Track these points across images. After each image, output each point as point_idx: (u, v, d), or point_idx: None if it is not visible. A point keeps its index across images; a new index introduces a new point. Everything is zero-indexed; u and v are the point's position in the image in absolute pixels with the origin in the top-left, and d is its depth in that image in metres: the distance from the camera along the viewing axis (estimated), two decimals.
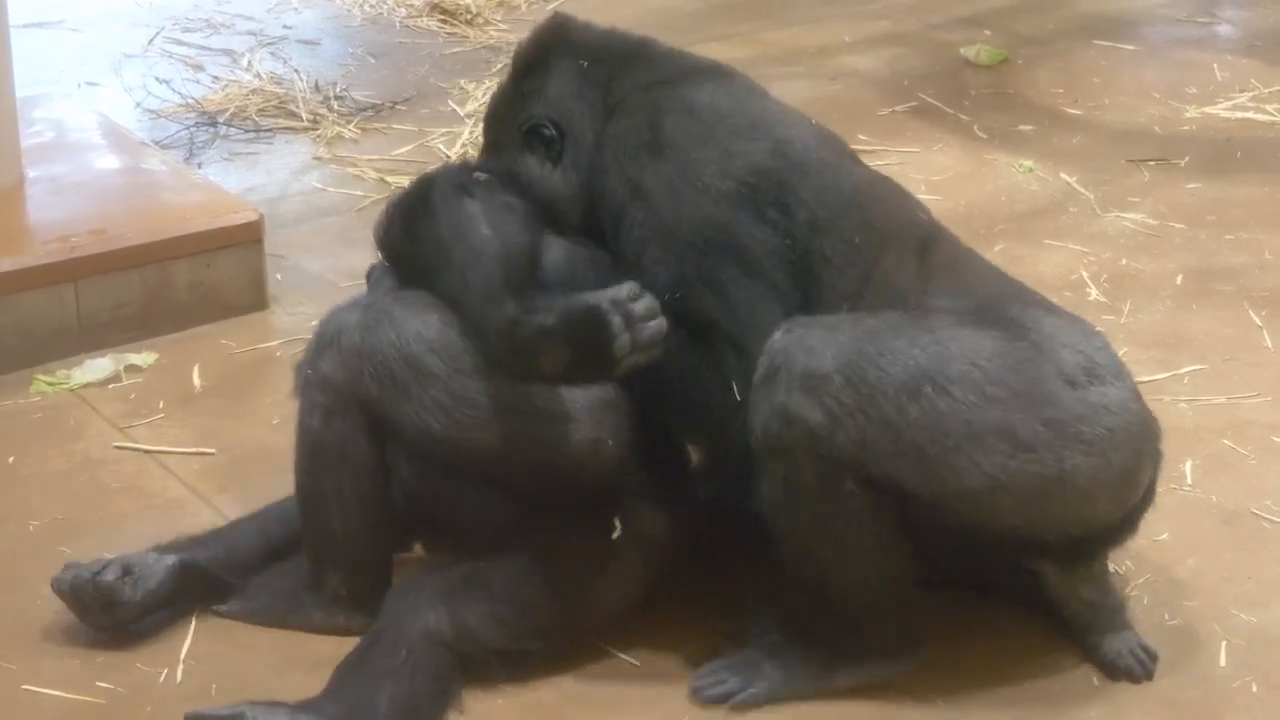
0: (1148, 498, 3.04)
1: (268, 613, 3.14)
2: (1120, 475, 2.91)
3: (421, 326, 2.93)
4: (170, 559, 3.10)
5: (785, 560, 2.99)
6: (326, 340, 2.98)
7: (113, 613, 3.05)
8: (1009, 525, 2.89)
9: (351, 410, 2.96)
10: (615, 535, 2.98)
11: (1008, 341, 2.87)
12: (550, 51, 3.20)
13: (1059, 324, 2.99)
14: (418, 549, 3.30)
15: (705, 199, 2.98)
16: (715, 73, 3.20)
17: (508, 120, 3.21)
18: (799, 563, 2.97)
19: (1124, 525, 3.01)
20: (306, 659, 3.05)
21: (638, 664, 3.07)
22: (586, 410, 2.94)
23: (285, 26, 6.60)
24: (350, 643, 3.04)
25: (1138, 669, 3.04)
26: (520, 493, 3.02)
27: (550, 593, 2.98)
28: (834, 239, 3.00)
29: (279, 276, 4.47)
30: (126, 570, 3.05)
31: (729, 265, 2.96)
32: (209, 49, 6.29)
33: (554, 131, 3.14)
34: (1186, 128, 5.73)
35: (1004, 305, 3.00)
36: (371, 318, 2.95)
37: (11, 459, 3.65)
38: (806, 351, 2.82)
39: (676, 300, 2.92)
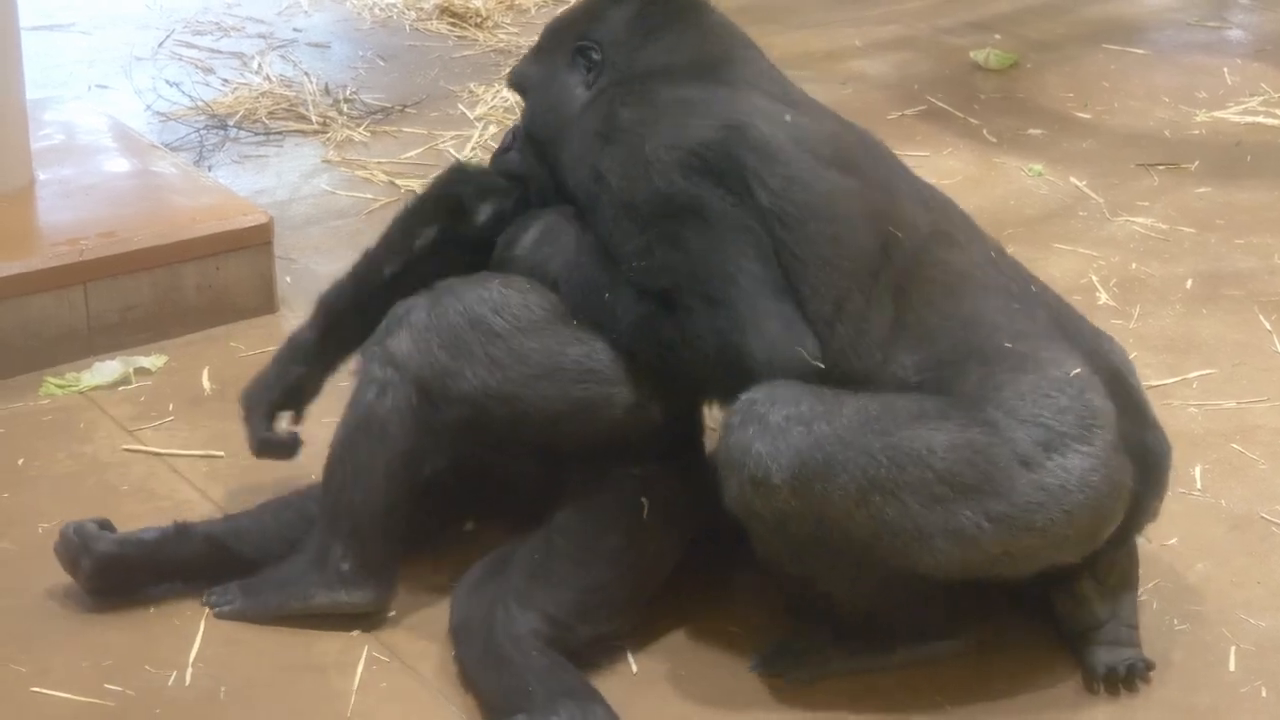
0: (1140, 517, 3.05)
1: (270, 606, 3.14)
2: (1081, 540, 2.90)
3: (484, 292, 3.07)
4: (168, 525, 3.23)
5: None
6: (396, 320, 3.07)
7: (89, 554, 3.12)
8: (971, 579, 2.94)
9: (407, 389, 3.03)
10: (645, 513, 3.06)
11: (962, 429, 2.84)
12: None
13: (1025, 386, 2.90)
14: (469, 525, 3.40)
15: (654, 170, 2.99)
16: (717, 70, 3.16)
17: (569, 32, 3.28)
18: (812, 598, 3.05)
19: (1118, 541, 3.01)
20: (315, 662, 3.05)
21: (636, 670, 3.06)
22: (629, 374, 3.04)
23: (295, 29, 6.61)
24: (356, 645, 3.06)
25: (1119, 676, 3.01)
26: (562, 454, 3.12)
27: (613, 567, 3.05)
28: (803, 241, 2.97)
29: (288, 279, 4.48)
30: (111, 526, 3.21)
31: (688, 222, 2.95)
32: (219, 52, 6.30)
33: (597, 56, 3.21)
34: (1196, 132, 5.72)
35: (967, 368, 2.93)
36: (437, 296, 3.08)
37: (20, 461, 3.65)
38: (754, 459, 2.82)
39: (641, 268, 2.96)
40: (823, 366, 2.91)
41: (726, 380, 2.93)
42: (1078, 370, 2.95)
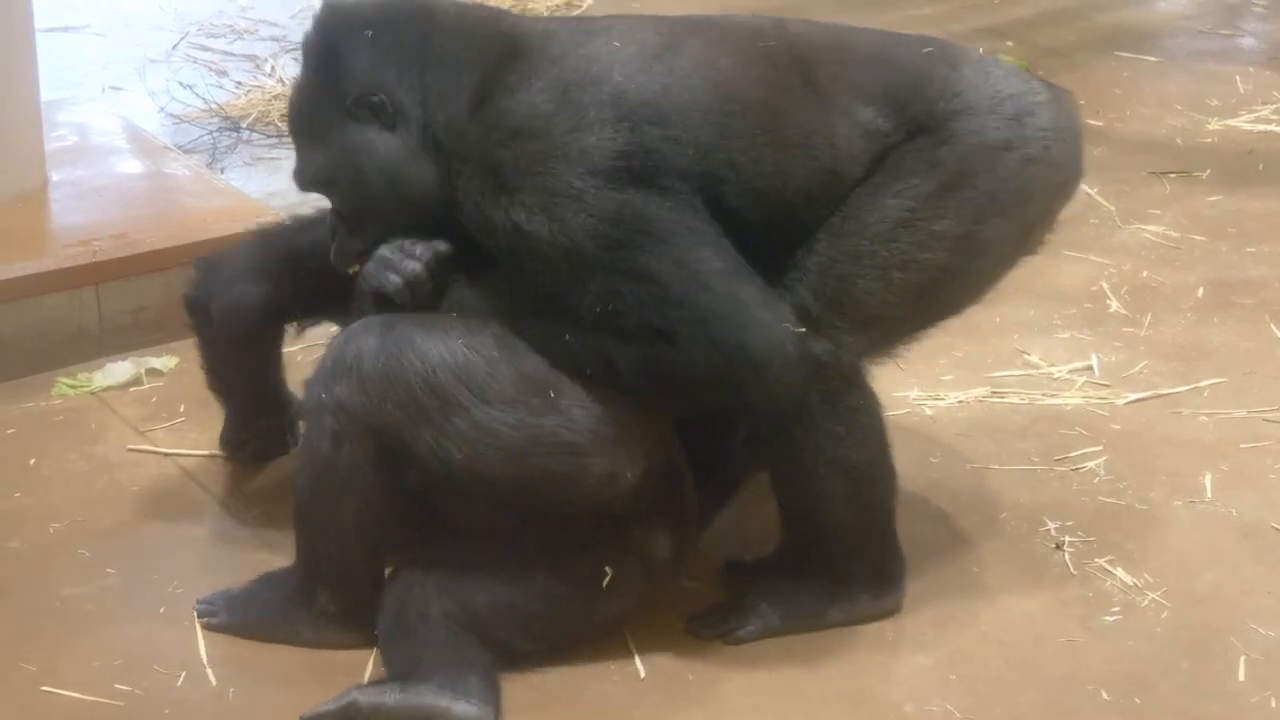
0: None
1: (254, 627, 3.11)
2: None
3: (447, 353, 2.88)
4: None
5: (783, 493, 3.15)
6: (345, 365, 2.90)
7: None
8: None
9: (363, 438, 2.90)
10: (605, 582, 2.99)
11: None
12: (336, 34, 3.08)
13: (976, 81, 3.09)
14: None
15: (585, 200, 2.86)
16: (523, 47, 3.00)
17: (324, 107, 3.07)
18: (800, 494, 3.11)
19: None
20: (323, 662, 3.05)
21: (644, 674, 3.06)
22: (605, 443, 2.92)
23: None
24: (363, 648, 3.06)
25: None
26: (531, 514, 3.01)
27: (549, 603, 3.00)
28: (740, 161, 2.94)
29: None
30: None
31: (641, 246, 2.86)
32: (232, 54, 6.31)
33: (382, 98, 3.00)
34: (1208, 140, 5.72)
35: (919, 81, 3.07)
36: (393, 343, 2.89)
37: (32, 460, 3.66)
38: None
39: (613, 312, 2.87)
40: (804, 330, 2.92)
41: (734, 385, 2.89)
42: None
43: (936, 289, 3.08)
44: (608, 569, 2.98)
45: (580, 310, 2.88)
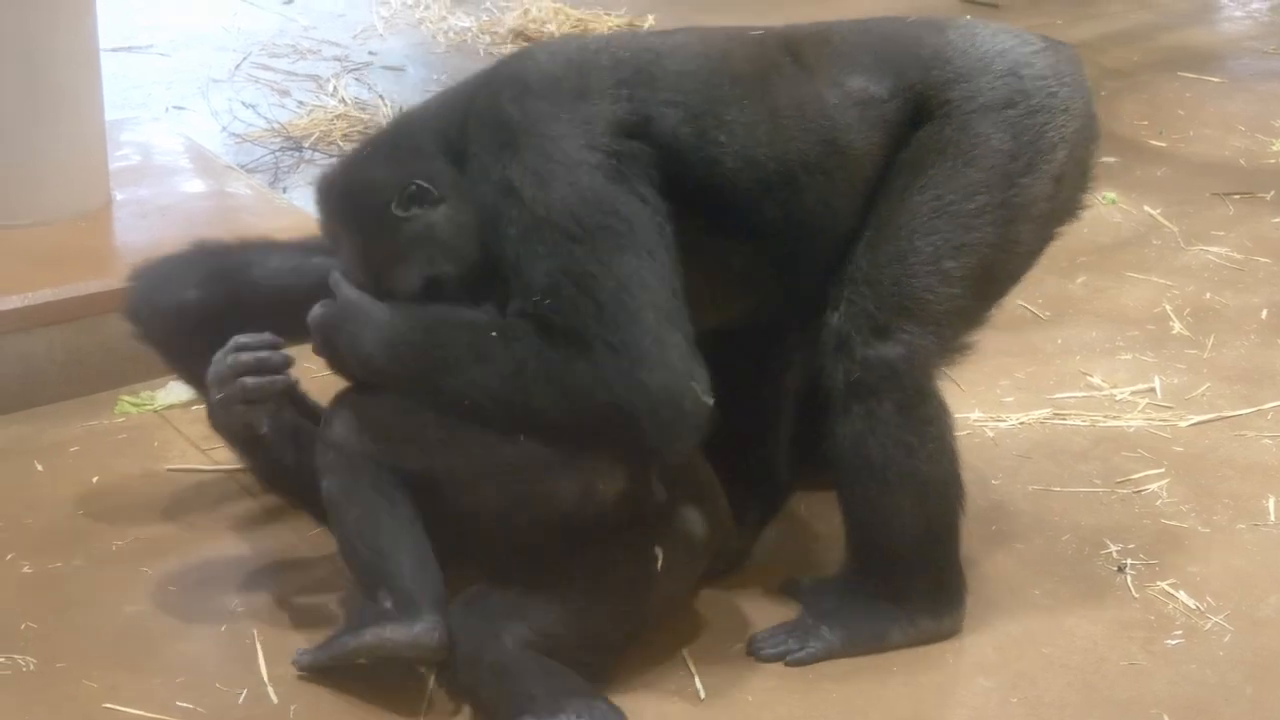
0: None
1: (333, 653, 3.04)
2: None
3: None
4: None
5: (850, 507, 3.12)
6: (330, 409, 3.09)
7: None
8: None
9: (354, 462, 3.01)
10: (659, 564, 3.01)
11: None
12: (343, 181, 3.15)
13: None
14: None
15: (572, 180, 2.89)
16: (517, 55, 3.19)
17: (372, 231, 3.07)
18: (869, 507, 3.09)
19: None
20: (384, 682, 3.05)
21: (703, 696, 3.05)
22: (571, 459, 2.94)
23: (370, 53, 6.65)
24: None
25: None
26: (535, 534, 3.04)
27: (610, 606, 3.01)
28: (729, 128, 3.00)
29: None
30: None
31: (598, 247, 2.86)
32: (295, 74, 6.36)
33: (415, 184, 3.02)
34: (1272, 161, 5.68)
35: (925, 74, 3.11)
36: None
37: (95, 478, 3.69)
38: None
39: (548, 305, 2.85)
40: (711, 402, 2.85)
41: (628, 417, 2.82)
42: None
43: (992, 267, 3.10)
44: (659, 551, 3.01)
45: (524, 294, 2.87)
